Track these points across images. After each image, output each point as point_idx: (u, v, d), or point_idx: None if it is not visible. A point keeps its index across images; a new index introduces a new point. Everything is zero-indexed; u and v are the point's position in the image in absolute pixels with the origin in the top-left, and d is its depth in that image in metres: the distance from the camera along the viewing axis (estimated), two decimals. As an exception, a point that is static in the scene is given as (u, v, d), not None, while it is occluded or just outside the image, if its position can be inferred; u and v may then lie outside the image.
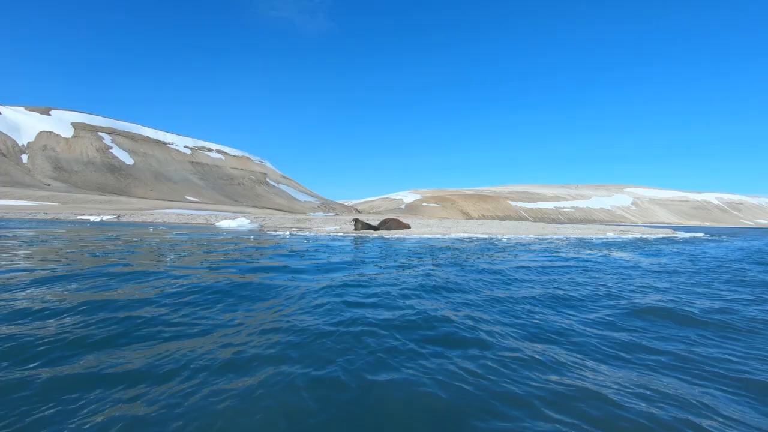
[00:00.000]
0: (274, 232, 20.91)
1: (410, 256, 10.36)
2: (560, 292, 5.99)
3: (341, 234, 20.11)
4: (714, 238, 26.89)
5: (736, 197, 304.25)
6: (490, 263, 9.20)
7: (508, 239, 18.87)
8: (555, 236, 21.57)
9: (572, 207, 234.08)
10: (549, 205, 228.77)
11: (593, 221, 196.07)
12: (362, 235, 19.74)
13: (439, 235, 19.44)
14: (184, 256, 9.52)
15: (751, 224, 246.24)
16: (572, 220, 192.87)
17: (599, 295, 5.92)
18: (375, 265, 8.42)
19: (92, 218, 37.90)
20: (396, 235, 19.16)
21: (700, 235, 29.72)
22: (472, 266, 8.56)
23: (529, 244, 16.09)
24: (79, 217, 40.21)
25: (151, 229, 23.22)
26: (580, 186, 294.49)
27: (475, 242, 16.59)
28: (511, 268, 8.49)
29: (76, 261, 8.03)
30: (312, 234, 19.86)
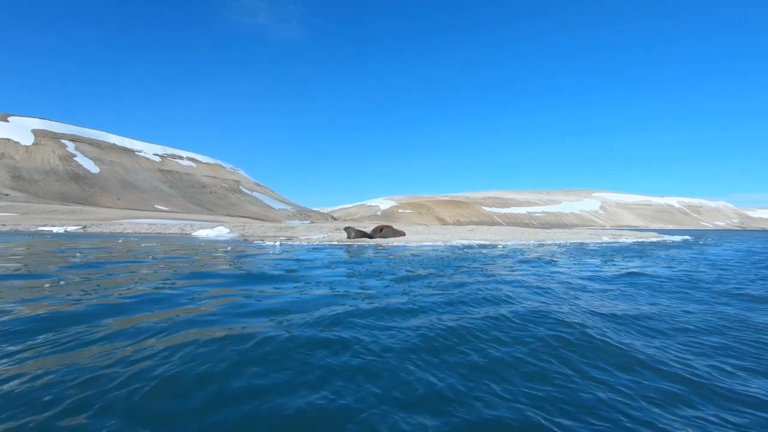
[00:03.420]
0: (261, 242, 19.48)
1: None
2: None
3: (335, 242, 18.89)
4: (710, 241, 26.79)
5: (695, 201, 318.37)
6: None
7: (504, 245, 18.11)
8: (554, 241, 21.00)
9: (544, 212, 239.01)
10: (521, 210, 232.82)
11: (564, 225, 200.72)
12: (358, 243, 18.58)
13: (439, 243, 18.49)
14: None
15: (710, 226, 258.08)
16: (544, 225, 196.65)
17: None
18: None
19: (55, 229, 35.17)
20: (394, 243, 18.10)
21: (689, 238, 29.97)
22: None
23: (566, 252, 15.34)
24: (41, 228, 37.29)
25: (120, 240, 21.37)
26: (551, 191, 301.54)
27: (501, 249, 15.71)
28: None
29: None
30: (304, 243, 18.56)
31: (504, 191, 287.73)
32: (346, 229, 21.94)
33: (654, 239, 25.29)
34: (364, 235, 20.79)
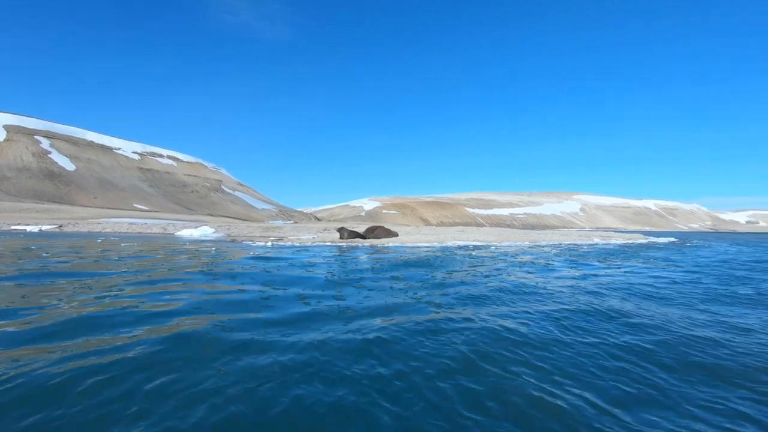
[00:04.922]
0: (251, 243, 18.85)
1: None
2: None
3: (329, 242, 18.42)
4: (698, 243, 26.99)
5: (671, 203, 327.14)
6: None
7: (497, 246, 17.93)
8: (548, 243, 20.96)
9: (525, 213, 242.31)
10: (504, 211, 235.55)
11: (546, 226, 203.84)
12: (351, 243, 18.15)
13: (435, 243, 18.20)
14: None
15: (685, 228, 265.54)
16: (526, 226, 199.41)
17: None
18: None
19: (29, 228, 33.69)
20: (389, 244, 17.75)
21: (674, 240, 30.45)
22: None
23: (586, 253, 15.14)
24: (13, 227, 35.70)
25: (99, 240, 20.44)
26: (532, 193, 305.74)
27: (506, 250, 15.45)
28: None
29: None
30: (296, 243, 18.02)
31: (486, 193, 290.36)
32: (339, 229, 21.52)
33: (642, 241, 25.59)
34: (357, 235, 20.39)
